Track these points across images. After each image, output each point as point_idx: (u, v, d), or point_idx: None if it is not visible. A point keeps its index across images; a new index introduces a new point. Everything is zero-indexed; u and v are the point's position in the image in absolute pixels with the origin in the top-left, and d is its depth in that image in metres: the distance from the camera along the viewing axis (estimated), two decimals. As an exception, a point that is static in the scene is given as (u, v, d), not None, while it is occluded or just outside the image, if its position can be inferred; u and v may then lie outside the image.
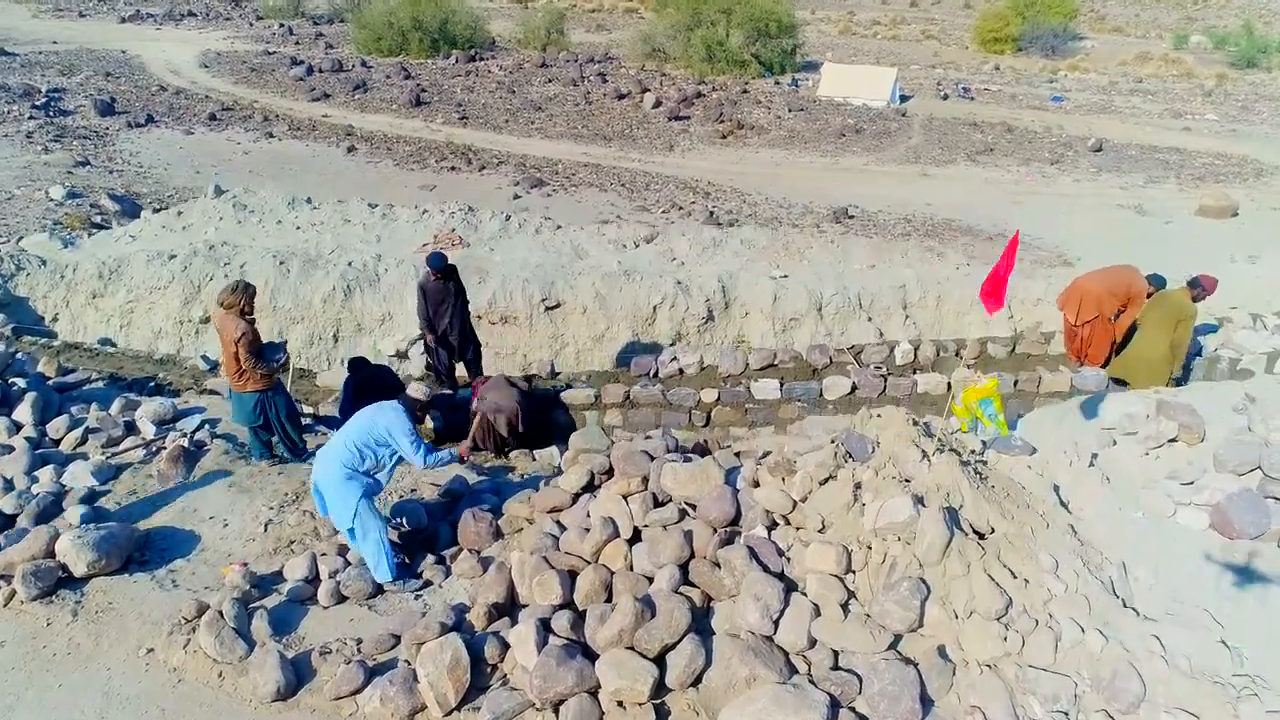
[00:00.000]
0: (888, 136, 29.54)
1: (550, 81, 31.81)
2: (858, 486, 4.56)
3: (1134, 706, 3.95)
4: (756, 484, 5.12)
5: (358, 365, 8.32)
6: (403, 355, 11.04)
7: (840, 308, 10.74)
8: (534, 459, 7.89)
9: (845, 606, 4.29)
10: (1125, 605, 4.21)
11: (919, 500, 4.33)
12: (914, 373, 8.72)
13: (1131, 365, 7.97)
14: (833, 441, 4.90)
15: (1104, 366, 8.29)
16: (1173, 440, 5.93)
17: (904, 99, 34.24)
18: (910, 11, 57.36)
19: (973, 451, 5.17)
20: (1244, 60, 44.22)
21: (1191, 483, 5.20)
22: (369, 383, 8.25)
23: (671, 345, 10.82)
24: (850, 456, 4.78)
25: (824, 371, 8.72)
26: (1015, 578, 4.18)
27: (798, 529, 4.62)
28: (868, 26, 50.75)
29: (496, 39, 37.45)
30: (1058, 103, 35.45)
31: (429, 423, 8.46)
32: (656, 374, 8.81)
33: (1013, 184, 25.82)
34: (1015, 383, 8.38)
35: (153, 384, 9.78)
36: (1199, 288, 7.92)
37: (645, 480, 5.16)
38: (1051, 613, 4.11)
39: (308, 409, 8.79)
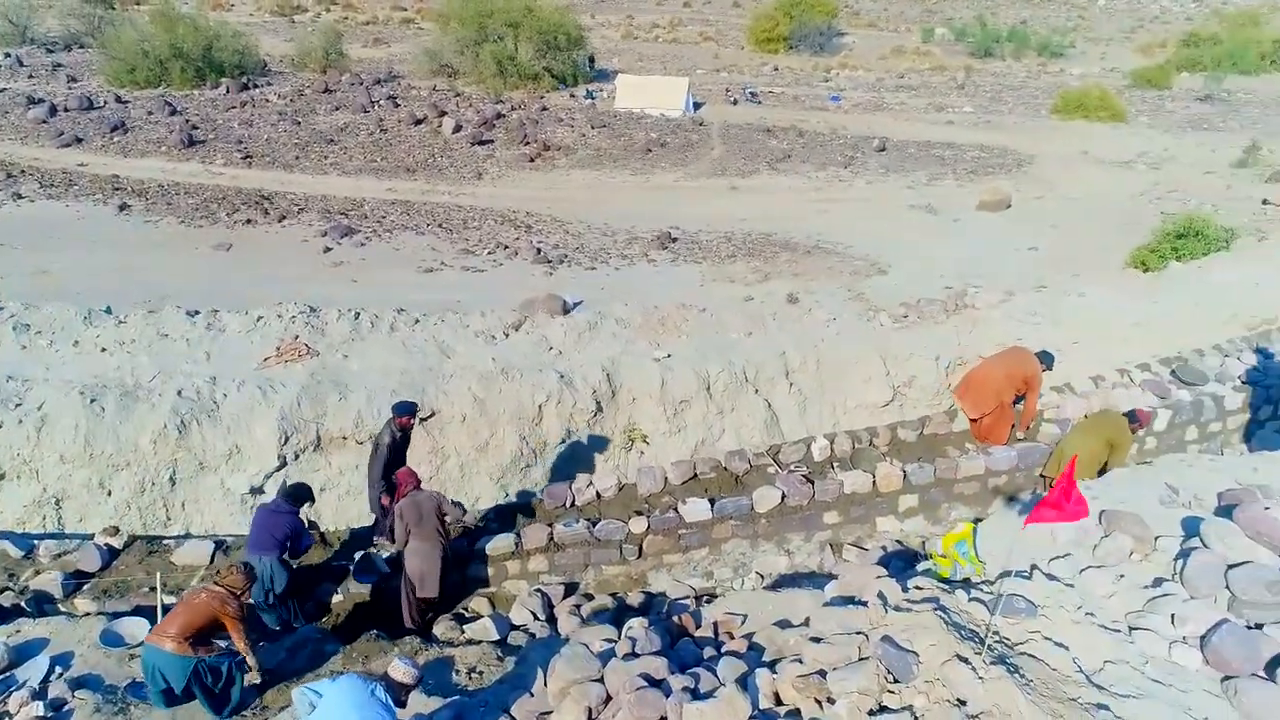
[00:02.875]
0: (691, 149, 30.00)
1: (338, 109, 29.69)
2: (914, 717, 4.30)
3: None
4: (779, 699, 4.74)
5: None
6: (258, 490, 9.77)
7: (728, 384, 10.54)
8: (463, 631, 7.09)
9: None
10: (1188, 802, 4.25)
11: (994, 740, 4.14)
12: (832, 467, 8.69)
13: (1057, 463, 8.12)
14: (862, 656, 4.60)
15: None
16: (1130, 554, 6.16)
17: (697, 106, 34.93)
18: (685, 12, 58.77)
19: (988, 626, 5.05)
20: (981, 50, 48.85)
21: (1172, 615, 5.39)
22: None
23: (562, 443, 10.21)
24: (893, 676, 4.51)
25: (747, 478, 8.49)
26: (1094, 803, 4.09)
27: (857, 773, 4.30)
28: (648, 30, 51.44)
29: (268, 61, 34.46)
30: (836, 102, 37.48)
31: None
32: (573, 503, 8.21)
33: (814, 191, 26.99)
34: (934, 472, 8.54)
35: (-50, 585, 8.03)
36: (1136, 422, 8.19)
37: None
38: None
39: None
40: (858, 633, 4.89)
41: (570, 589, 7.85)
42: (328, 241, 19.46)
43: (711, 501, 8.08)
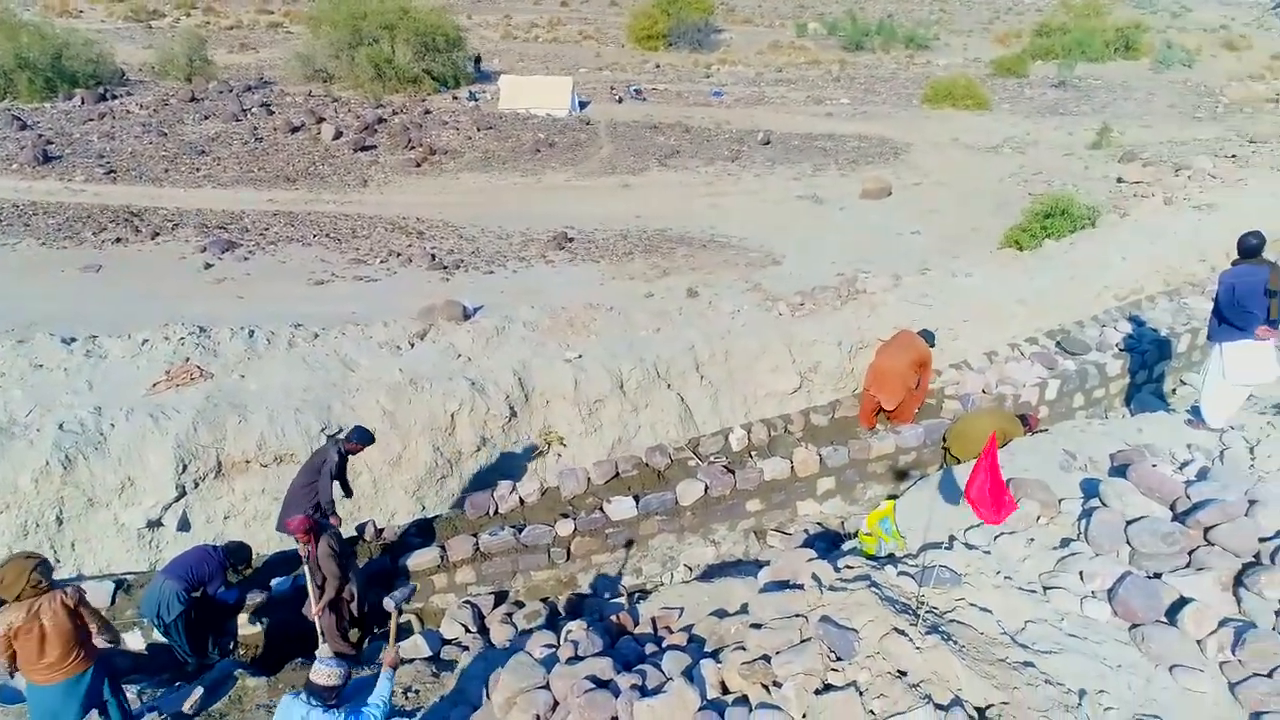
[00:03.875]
0: (580, 148, 30.00)
1: (207, 118, 28.34)
2: (859, 691, 4.43)
3: None
4: (725, 688, 4.81)
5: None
6: (156, 524, 9.26)
7: (641, 381, 10.58)
8: (398, 650, 6.89)
9: (890, 834, 4.16)
10: (1113, 745, 4.53)
11: (939, 707, 4.29)
12: (750, 455, 8.85)
13: (967, 445, 8.40)
14: (804, 638, 4.71)
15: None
16: (1038, 518, 6.51)
17: (583, 105, 34.94)
18: (563, 11, 58.58)
19: (918, 598, 5.26)
20: (853, 44, 50.63)
21: (1080, 573, 5.73)
22: None
23: (477, 451, 10.06)
24: (835, 654, 4.63)
25: (668, 473, 8.56)
26: (1033, 756, 4.32)
27: (810, 752, 4.40)
28: (527, 30, 51.09)
29: (126, 70, 32.55)
30: (718, 97, 38.08)
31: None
32: (496, 511, 8.08)
33: (705, 185, 27.39)
34: (848, 453, 8.81)
35: None
36: (1027, 426, 8.61)
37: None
38: (1069, 781, 4.31)
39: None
40: (797, 615, 5.00)
41: (500, 598, 7.74)
42: (208, 257, 18.59)
43: (636, 499, 8.12)
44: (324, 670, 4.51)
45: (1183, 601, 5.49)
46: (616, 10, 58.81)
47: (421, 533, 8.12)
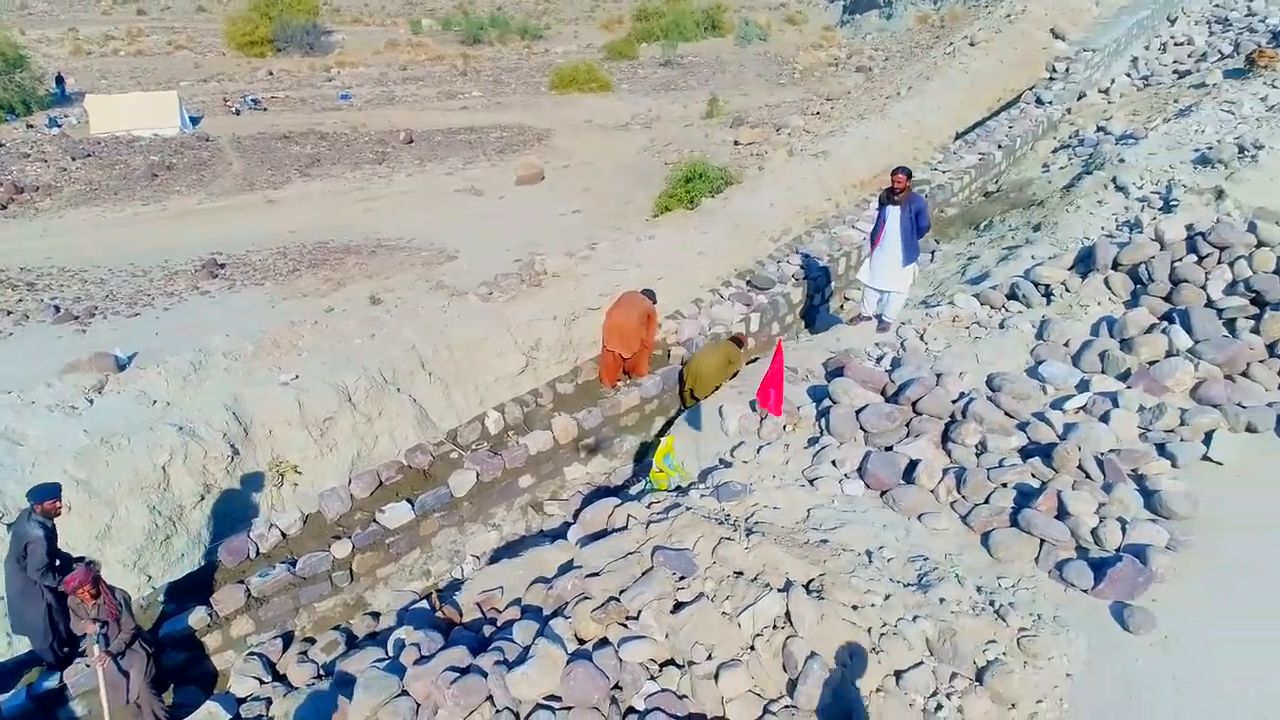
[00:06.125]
0: (205, 167, 27.47)
1: None
2: (709, 599, 4.81)
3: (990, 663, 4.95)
4: (581, 640, 4.96)
5: None
6: None
7: (369, 389, 10.13)
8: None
9: (768, 709, 4.58)
10: (906, 585, 5.36)
11: (779, 590, 4.79)
12: (509, 434, 8.90)
13: (705, 382, 9.17)
14: (644, 570, 4.99)
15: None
16: (785, 426, 7.40)
17: (195, 121, 31.89)
18: (141, 21, 52.32)
19: (724, 511, 5.77)
20: (470, 38, 51.23)
21: (833, 461, 6.68)
22: None
23: (201, 500, 9.06)
24: (679, 575, 4.96)
25: (434, 470, 8.34)
26: (856, 609, 4.97)
27: (681, 666, 4.68)
28: (102, 43, 45.00)
29: None
30: (346, 100, 36.69)
31: None
32: (258, 552, 7.35)
33: (357, 190, 26.46)
34: (601, 413, 9.20)
35: None
36: (741, 346, 9.55)
37: (490, 698, 4.57)
38: (885, 621, 5.03)
39: None
40: (630, 554, 5.30)
41: (287, 639, 7.11)
42: None
43: (410, 501, 7.87)
44: None
45: (913, 464, 6.63)
46: (207, 16, 53.89)
47: (174, 596, 7.20)
